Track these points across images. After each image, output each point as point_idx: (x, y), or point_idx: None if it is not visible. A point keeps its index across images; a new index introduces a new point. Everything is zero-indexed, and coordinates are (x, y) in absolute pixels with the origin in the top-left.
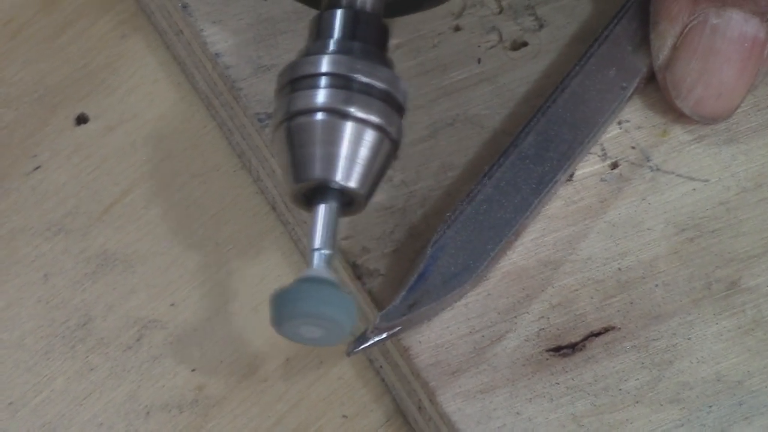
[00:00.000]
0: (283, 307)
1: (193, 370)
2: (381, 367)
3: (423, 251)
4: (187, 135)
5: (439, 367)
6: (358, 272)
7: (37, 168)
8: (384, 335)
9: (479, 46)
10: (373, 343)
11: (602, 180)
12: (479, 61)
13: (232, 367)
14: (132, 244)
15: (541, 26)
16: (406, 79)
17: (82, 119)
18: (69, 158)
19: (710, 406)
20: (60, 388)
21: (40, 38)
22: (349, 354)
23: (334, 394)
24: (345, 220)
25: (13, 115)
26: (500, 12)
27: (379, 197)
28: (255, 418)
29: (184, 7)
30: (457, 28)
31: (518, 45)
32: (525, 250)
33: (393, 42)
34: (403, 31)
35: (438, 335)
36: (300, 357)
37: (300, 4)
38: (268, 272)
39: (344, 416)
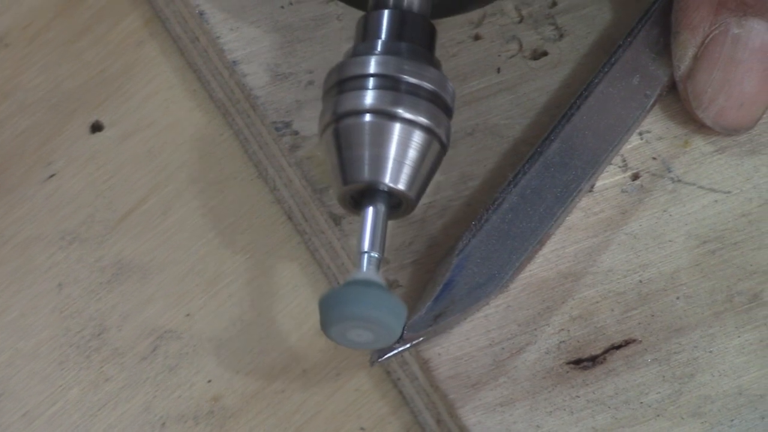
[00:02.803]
0: (332, 310)
1: (209, 381)
2: (399, 379)
3: (447, 260)
4: (204, 143)
5: (459, 380)
6: None
7: (52, 176)
8: (408, 345)
9: (499, 56)
10: (397, 353)
11: (623, 191)
12: (499, 70)
13: (249, 377)
14: (148, 253)
15: (561, 36)
16: None
17: (97, 127)
18: (84, 166)
19: (732, 420)
20: (75, 398)
21: (57, 43)
22: (372, 363)
23: (352, 406)
24: None
25: (29, 121)
26: (520, 21)
27: None
28: (272, 430)
29: (201, 14)
30: (477, 37)
31: (538, 54)
32: (545, 262)
33: None
34: None
35: (457, 347)
36: (317, 368)
37: (318, 12)
38: (285, 282)
39: (362, 429)
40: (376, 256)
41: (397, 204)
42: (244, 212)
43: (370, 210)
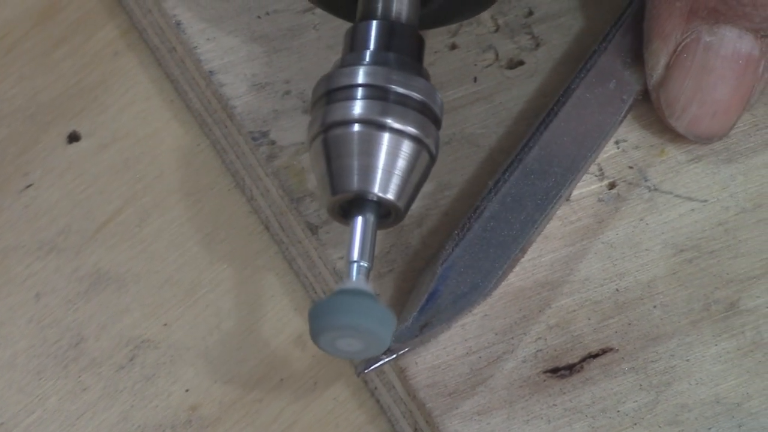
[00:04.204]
0: (322, 319)
1: (186, 391)
2: (376, 388)
3: (431, 270)
4: (181, 153)
5: (436, 389)
6: None
7: (29, 186)
8: (394, 355)
9: (475, 65)
10: (383, 364)
11: (599, 200)
12: (475, 79)
13: (227, 387)
14: (125, 263)
15: (537, 45)
16: None
17: (74, 137)
18: (61, 176)
19: (709, 429)
20: (52, 408)
21: (34, 54)
22: (359, 374)
23: (330, 415)
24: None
25: (5, 132)
26: (496, 30)
27: None
28: None
29: (178, 24)
30: (454, 47)
31: (515, 64)
32: (522, 271)
33: None
34: None
35: (434, 356)
36: (295, 377)
37: (295, 22)
38: (262, 292)
39: None
40: (366, 265)
41: (386, 214)
42: (222, 222)
43: (359, 220)
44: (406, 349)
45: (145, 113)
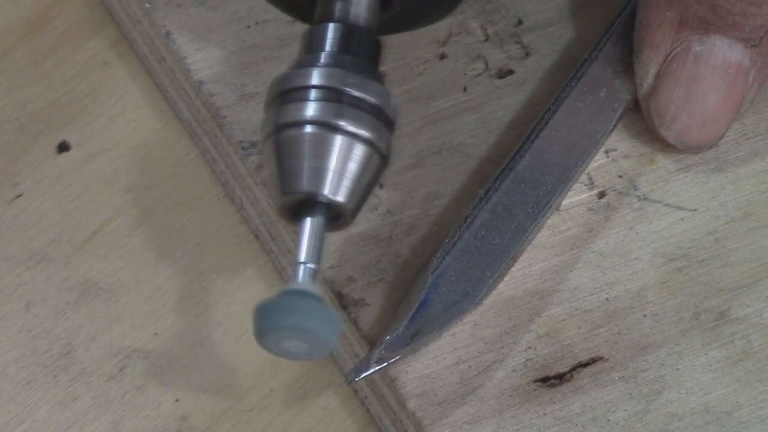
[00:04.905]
0: (266, 319)
1: (176, 400)
2: (366, 397)
3: (422, 278)
4: (170, 163)
5: (426, 398)
6: (343, 302)
7: (18, 196)
8: (385, 364)
9: (465, 74)
10: (373, 372)
11: (589, 209)
12: (465, 89)
13: (217, 397)
14: (115, 273)
15: (527, 54)
16: None
17: (63, 147)
18: (51, 186)
19: None
20: (42, 417)
21: (23, 64)
22: (349, 383)
23: (320, 424)
24: (330, 249)
25: None
26: (486, 40)
27: (365, 226)
28: None
29: (168, 34)
30: (443, 56)
31: (504, 73)
32: (512, 280)
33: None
34: (388, 58)
35: (424, 365)
36: (285, 387)
37: (284, 32)
38: (252, 302)
39: None
40: (313, 267)
41: (336, 216)
42: (211, 232)
43: (308, 221)
44: (397, 358)
45: (135, 123)
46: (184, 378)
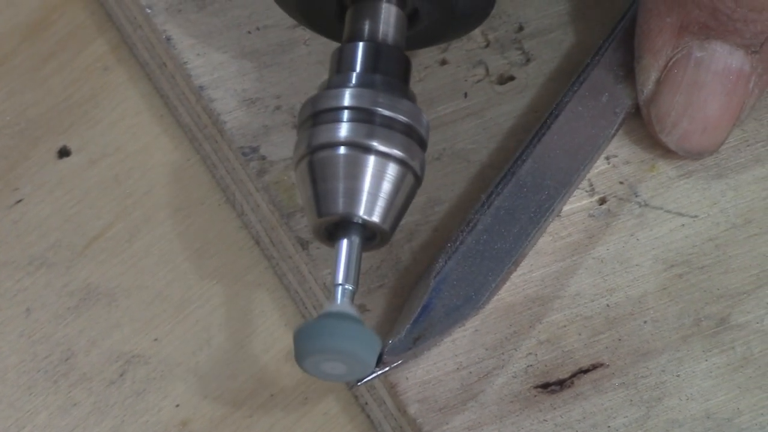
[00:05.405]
0: (306, 342)
1: (177, 406)
2: (366, 403)
3: (424, 283)
4: (171, 168)
5: (426, 404)
6: None
7: (19, 201)
8: (387, 368)
9: (466, 80)
10: (375, 377)
11: (590, 215)
12: (466, 95)
13: (217, 402)
14: (115, 278)
15: (528, 60)
16: None
17: (64, 152)
18: (51, 192)
19: None
20: (43, 423)
21: (23, 69)
22: (351, 388)
23: (320, 430)
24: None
25: None
26: (487, 46)
27: None
28: None
29: (168, 39)
30: (444, 62)
31: (505, 79)
32: (512, 286)
33: None
34: None
35: (425, 371)
36: (285, 393)
37: (285, 38)
38: (252, 307)
39: None
40: (351, 288)
41: (371, 236)
42: (212, 237)
43: (345, 242)
44: (399, 362)
45: (135, 128)
46: (185, 384)
